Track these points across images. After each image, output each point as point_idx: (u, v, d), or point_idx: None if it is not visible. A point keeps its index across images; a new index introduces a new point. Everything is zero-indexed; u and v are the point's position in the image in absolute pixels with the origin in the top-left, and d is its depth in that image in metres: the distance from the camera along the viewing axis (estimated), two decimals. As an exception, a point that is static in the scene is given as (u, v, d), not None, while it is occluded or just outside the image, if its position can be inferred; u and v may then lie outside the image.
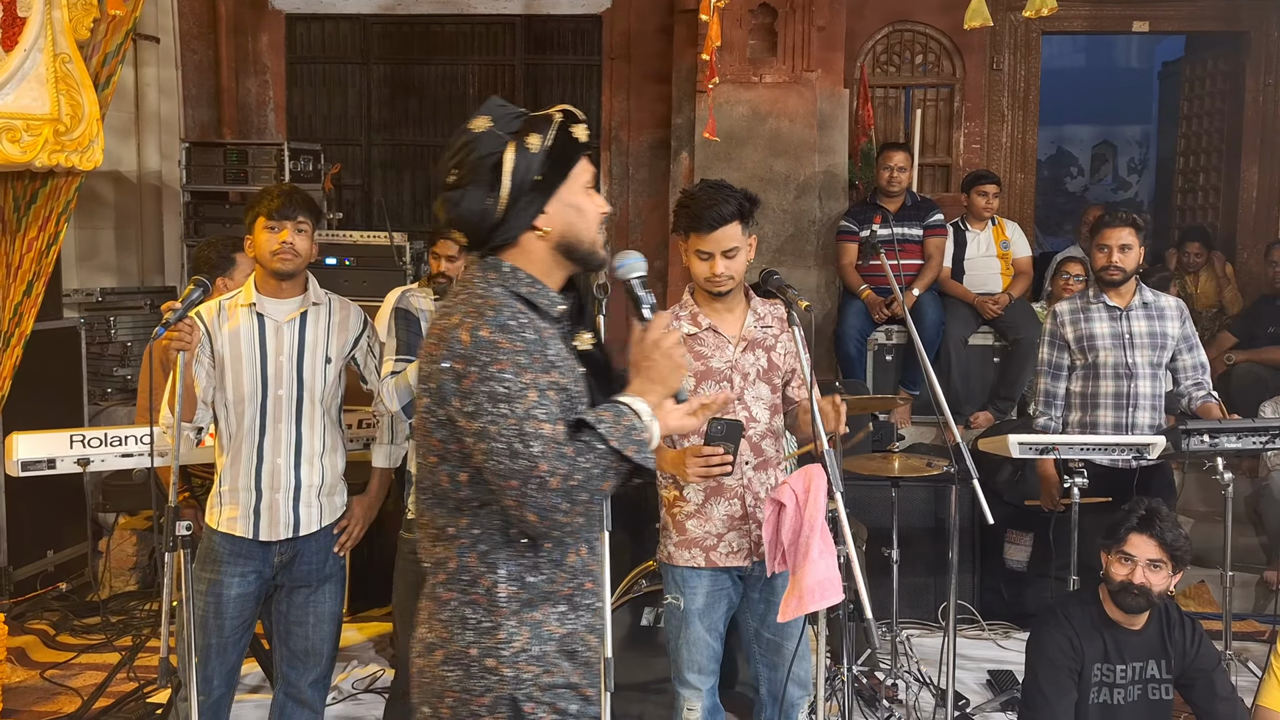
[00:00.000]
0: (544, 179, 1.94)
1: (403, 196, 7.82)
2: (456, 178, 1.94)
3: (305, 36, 7.75)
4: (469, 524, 1.92)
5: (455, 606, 1.94)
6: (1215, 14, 7.41)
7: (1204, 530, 5.72)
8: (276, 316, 3.19)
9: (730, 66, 6.62)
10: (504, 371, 1.82)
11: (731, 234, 2.98)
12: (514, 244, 1.96)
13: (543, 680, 1.93)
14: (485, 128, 1.94)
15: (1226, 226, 7.72)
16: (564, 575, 1.97)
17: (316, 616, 3.26)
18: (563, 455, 1.79)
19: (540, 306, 1.95)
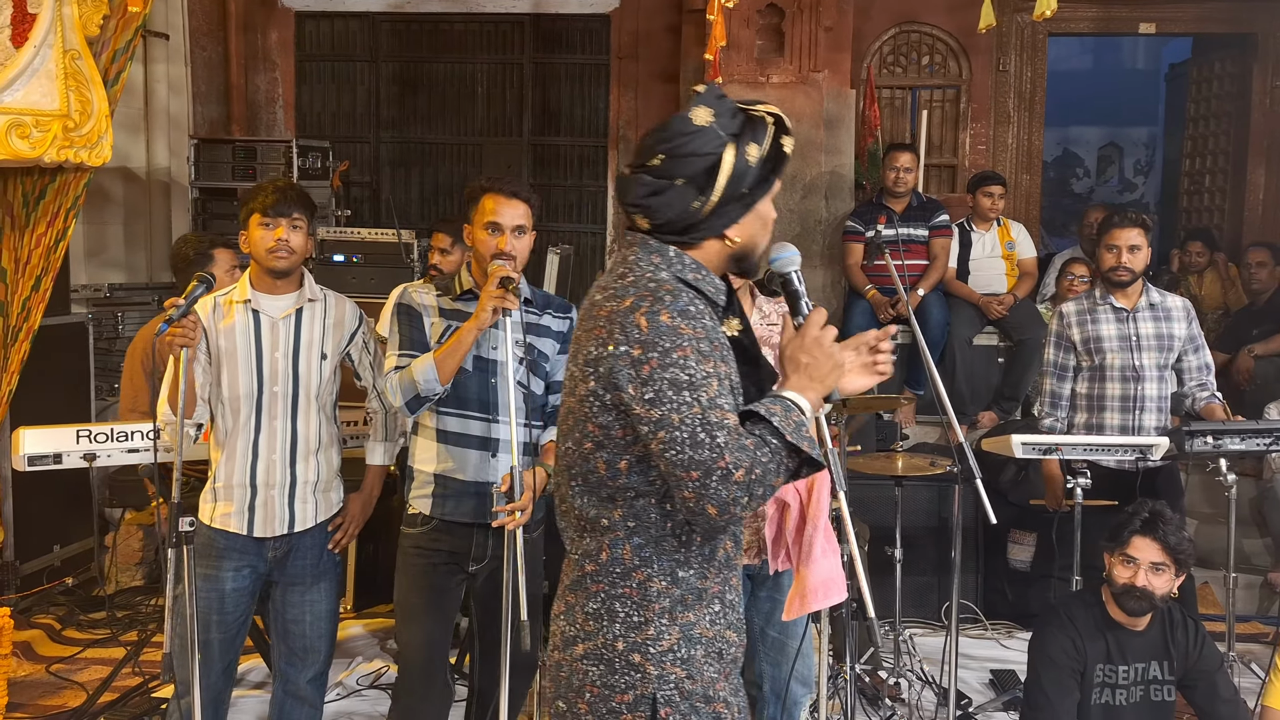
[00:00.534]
0: (750, 191, 1.89)
1: (411, 194, 7.84)
2: (663, 164, 1.87)
3: (315, 34, 7.77)
4: (623, 516, 1.88)
5: (605, 599, 1.89)
6: (1223, 16, 7.41)
7: (1208, 532, 5.73)
8: (272, 313, 3.18)
9: (737, 66, 6.63)
10: (687, 359, 1.77)
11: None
12: (695, 245, 1.92)
13: (685, 686, 1.88)
14: (707, 122, 1.87)
15: (1232, 229, 7.70)
16: (714, 571, 1.93)
17: (313, 614, 3.26)
18: (744, 447, 1.75)
19: (707, 294, 1.91)
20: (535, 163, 7.81)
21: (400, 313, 3.18)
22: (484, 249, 3.09)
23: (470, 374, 3.12)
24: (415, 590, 3.21)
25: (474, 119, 7.80)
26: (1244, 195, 7.61)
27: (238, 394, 3.14)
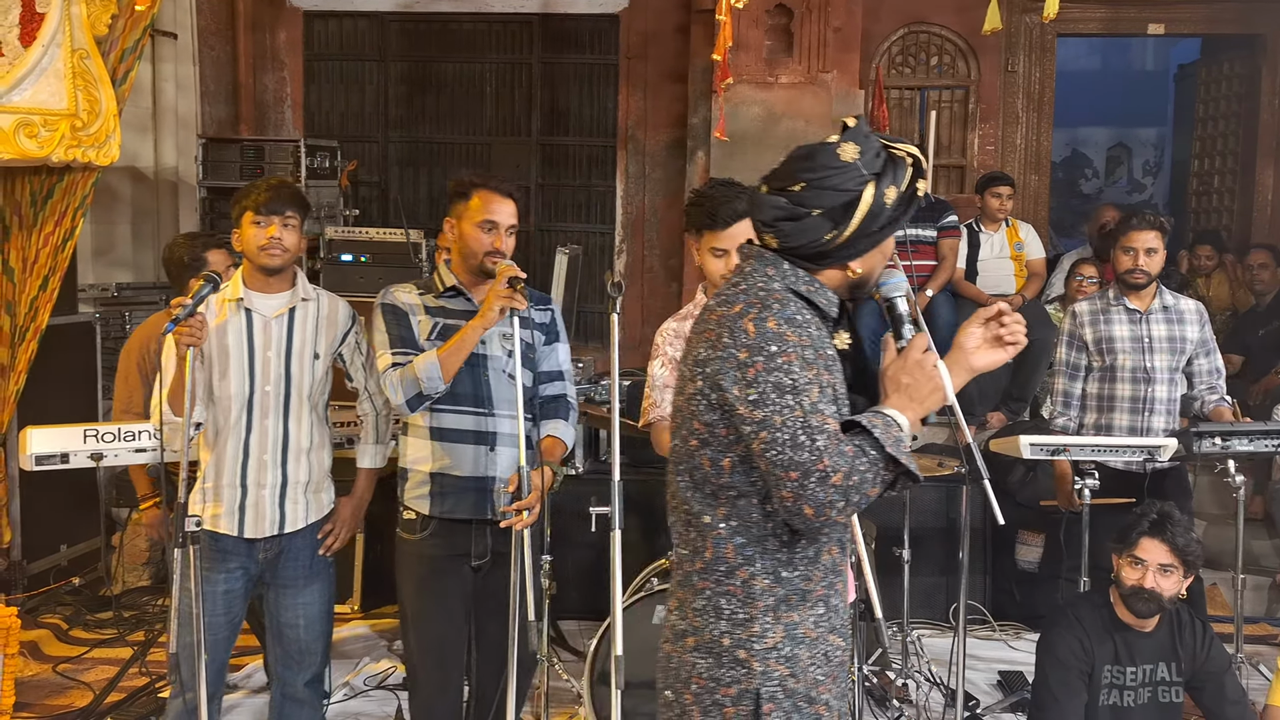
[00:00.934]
0: (881, 230, 1.95)
1: (419, 193, 7.84)
2: (803, 192, 1.93)
3: (323, 33, 7.78)
4: (726, 514, 1.95)
5: (710, 596, 1.96)
6: (1231, 17, 7.38)
7: (1216, 533, 5.70)
8: (265, 312, 3.16)
9: (746, 67, 6.62)
10: (791, 364, 1.84)
11: (745, 230, 2.98)
12: (816, 270, 1.98)
13: (788, 684, 1.93)
14: (853, 159, 1.92)
15: (1241, 229, 7.68)
16: (819, 574, 1.98)
17: (307, 618, 3.23)
18: (843, 453, 1.81)
19: (819, 306, 1.97)
20: (544, 162, 7.81)
21: (387, 312, 3.15)
22: (477, 246, 3.09)
23: (462, 369, 3.10)
24: (421, 595, 3.18)
25: (482, 119, 7.80)
26: (1253, 196, 7.59)
27: (229, 393, 3.11)
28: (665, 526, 3.18)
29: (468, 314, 3.12)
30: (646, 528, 4.77)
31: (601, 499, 2.87)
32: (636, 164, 7.65)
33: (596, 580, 4.70)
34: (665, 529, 3.20)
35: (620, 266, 7.70)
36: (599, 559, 4.71)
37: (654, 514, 4.46)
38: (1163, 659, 3.31)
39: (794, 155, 1.99)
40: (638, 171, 7.65)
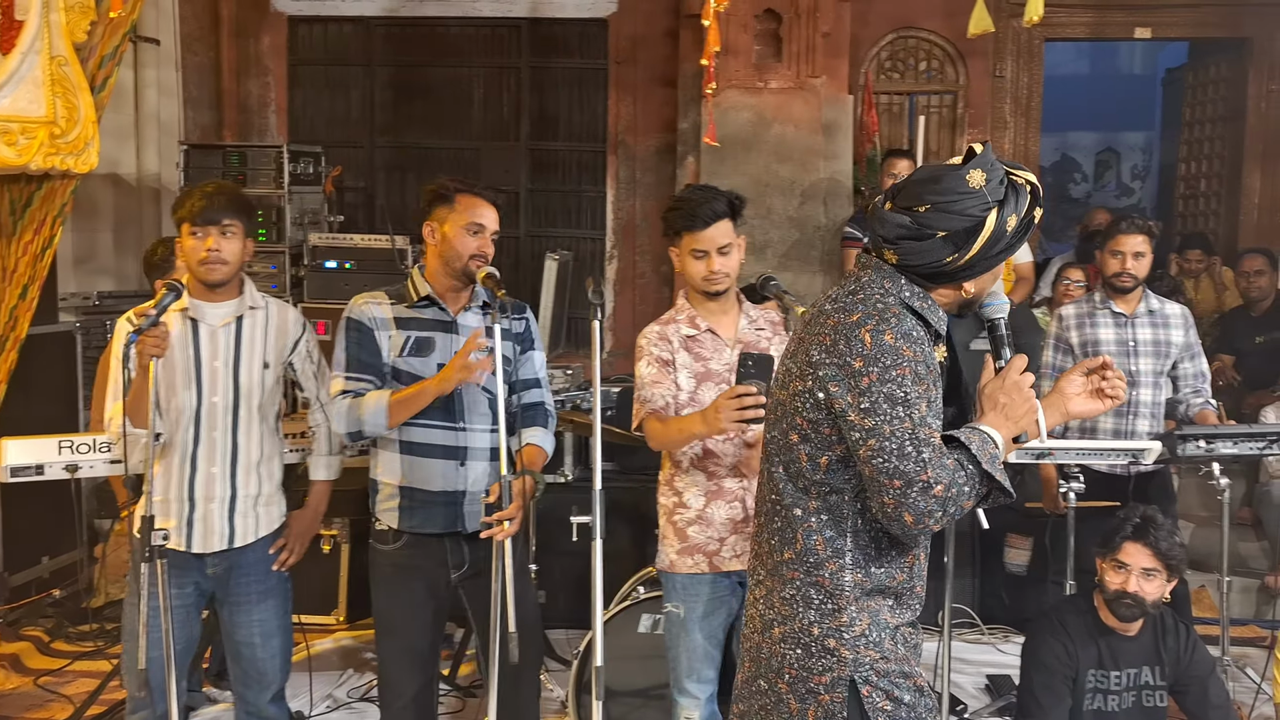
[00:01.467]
0: (999, 255, 2.02)
1: (406, 199, 7.79)
2: (928, 214, 1.98)
3: (308, 38, 7.74)
4: (817, 508, 2.03)
5: (800, 586, 2.04)
6: (1218, 20, 7.39)
7: (1204, 535, 5.70)
8: (211, 321, 3.08)
9: (735, 72, 6.61)
10: (904, 378, 1.91)
11: (725, 230, 2.99)
12: (932, 286, 2.05)
13: (880, 665, 2.02)
14: (979, 186, 1.97)
15: (1228, 233, 7.68)
16: (902, 575, 2.06)
17: (264, 634, 3.16)
18: (945, 466, 1.90)
19: (930, 323, 2.03)
20: (533, 168, 7.78)
21: (349, 329, 3.08)
22: (462, 249, 3.05)
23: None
24: (393, 604, 3.16)
25: (470, 124, 7.77)
26: (1239, 199, 7.59)
27: (176, 405, 3.03)
28: (654, 534, 3.19)
29: (441, 324, 3.10)
30: (636, 535, 4.74)
31: (586, 507, 2.84)
32: (627, 169, 7.63)
33: (584, 589, 4.66)
34: (654, 536, 3.20)
35: (611, 273, 7.68)
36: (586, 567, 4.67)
37: (644, 521, 4.43)
38: (1146, 663, 3.30)
39: (921, 177, 2.04)
40: (628, 176, 7.63)
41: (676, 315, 3.10)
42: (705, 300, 3.08)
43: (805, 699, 2.02)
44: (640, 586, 3.83)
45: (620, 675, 3.62)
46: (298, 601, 3.38)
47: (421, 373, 3.06)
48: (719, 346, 3.07)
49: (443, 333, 3.08)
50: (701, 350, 3.05)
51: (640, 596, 3.68)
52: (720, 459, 3.04)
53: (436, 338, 3.08)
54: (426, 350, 3.07)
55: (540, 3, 7.52)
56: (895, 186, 2.07)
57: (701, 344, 3.06)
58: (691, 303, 3.10)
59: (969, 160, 2.00)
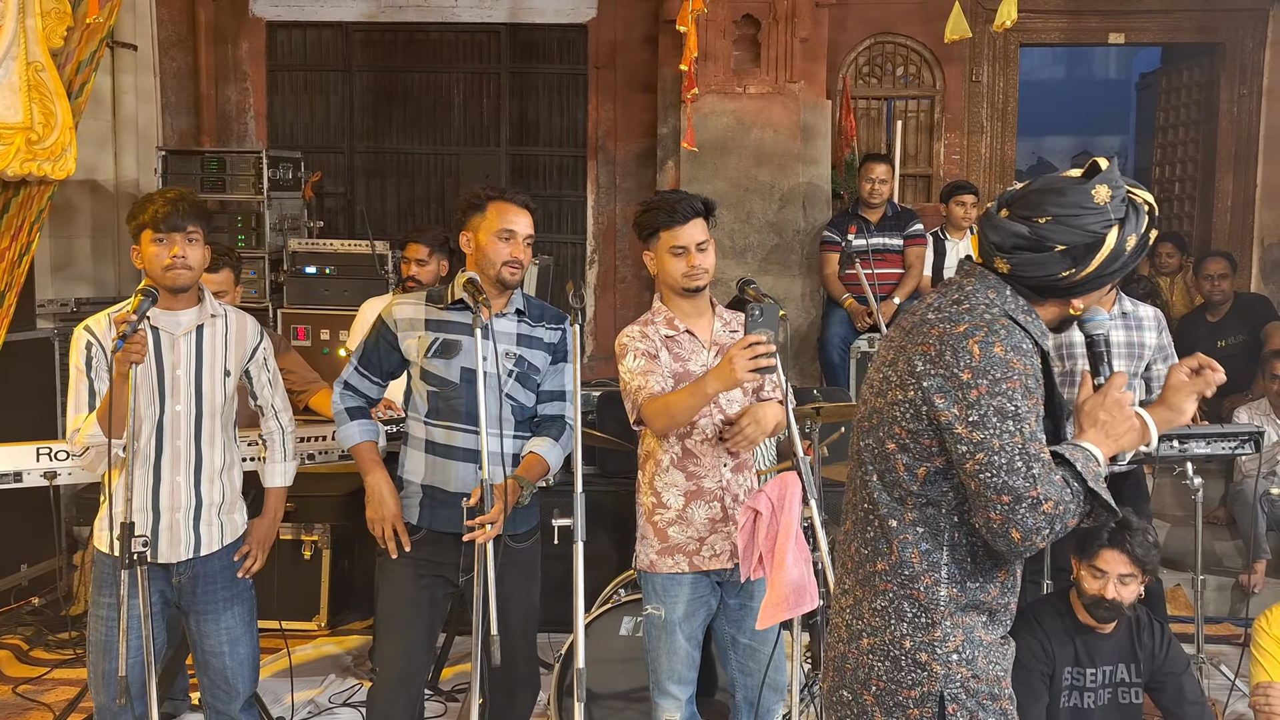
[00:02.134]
0: (1113, 274, 1.98)
1: (386, 205, 7.80)
2: (1049, 226, 1.94)
3: (286, 44, 7.73)
4: (914, 520, 1.99)
5: (893, 598, 2.00)
6: (1191, 26, 7.47)
7: (1179, 534, 5.75)
8: (172, 330, 3.06)
9: (714, 77, 6.64)
10: (1014, 391, 1.88)
11: (701, 227, 3.05)
12: (1040, 300, 2.00)
13: (970, 684, 1.99)
14: (1104, 202, 1.93)
15: (1201, 236, 7.76)
16: (995, 590, 2.03)
17: (231, 641, 3.16)
18: (1054, 482, 1.86)
19: (1034, 336, 1.98)
20: (513, 173, 7.78)
21: (376, 326, 3.20)
22: (495, 256, 3.08)
23: (459, 386, 3.09)
24: (398, 601, 3.17)
25: (450, 129, 7.77)
26: (1213, 202, 7.67)
27: (138, 414, 2.97)
28: (635, 536, 3.21)
29: (472, 329, 3.06)
30: (618, 538, 4.75)
31: (567, 510, 2.86)
32: (607, 174, 7.66)
33: (565, 592, 4.66)
34: (635, 539, 3.22)
35: (592, 277, 7.69)
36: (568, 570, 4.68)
37: (625, 524, 4.43)
38: (1122, 660, 3.33)
39: (1045, 187, 1.98)
40: (608, 181, 7.65)
41: (654, 317, 3.12)
42: (681, 302, 3.10)
43: (893, 712, 1.99)
44: (621, 589, 3.85)
45: (602, 678, 3.63)
46: (279, 608, 3.38)
47: (445, 374, 3.09)
48: (696, 348, 3.09)
49: (471, 336, 3.06)
50: (680, 351, 3.07)
51: (621, 599, 3.69)
52: (699, 459, 3.06)
53: (464, 341, 3.08)
54: (452, 352, 3.09)
55: (520, 8, 7.54)
56: (1011, 194, 2.02)
57: (680, 344, 3.08)
58: (668, 305, 3.13)
59: (1093, 175, 1.96)
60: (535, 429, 3.21)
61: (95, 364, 3.05)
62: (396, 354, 3.15)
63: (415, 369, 3.13)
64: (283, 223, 6.50)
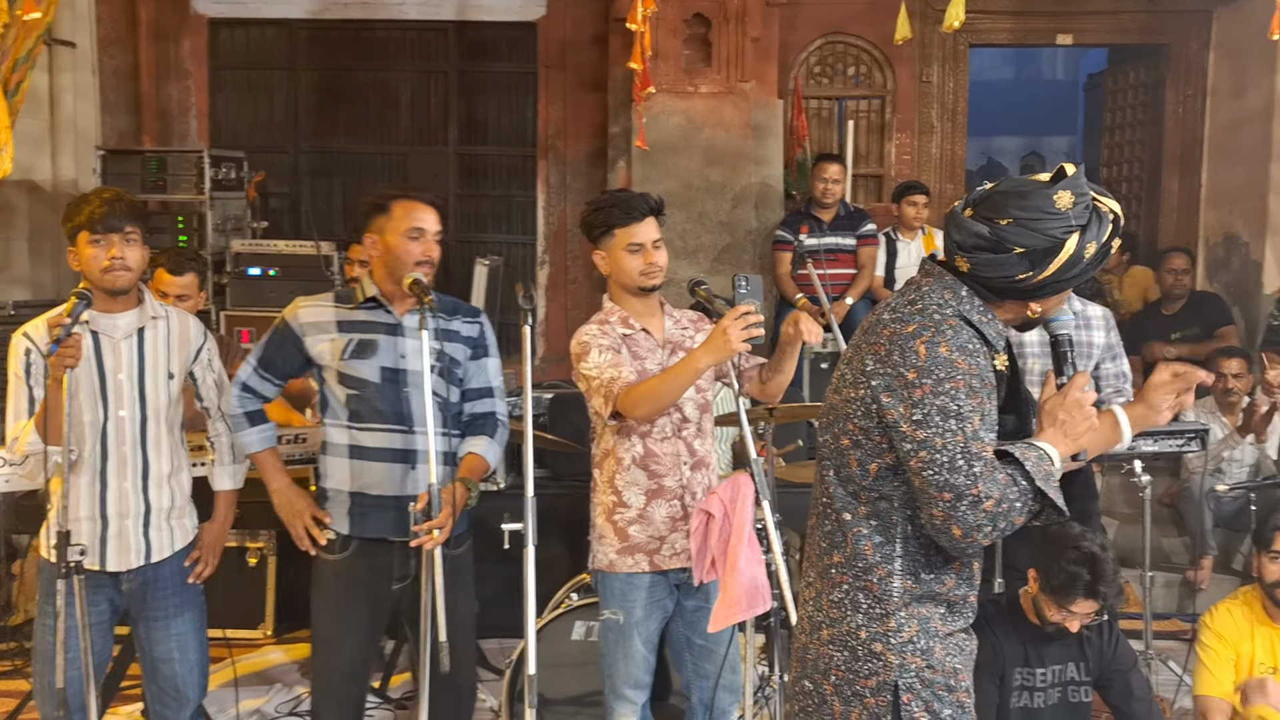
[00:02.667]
0: (1071, 279, 2.00)
1: (332, 205, 7.70)
2: (1009, 228, 1.95)
3: (229, 41, 7.61)
4: (867, 514, 2.04)
5: (848, 590, 2.05)
6: (1137, 27, 7.57)
7: (1127, 531, 5.82)
8: (112, 334, 3.00)
9: (665, 76, 6.62)
10: (958, 391, 1.91)
11: (655, 225, 3.04)
12: (998, 303, 2.03)
13: (925, 675, 2.02)
14: (1066, 208, 1.94)
15: (1148, 235, 7.87)
16: (951, 581, 2.06)
17: (182, 649, 3.10)
18: (997, 480, 1.89)
19: (988, 338, 2.01)
20: (462, 172, 7.72)
21: (277, 329, 3.11)
22: (406, 256, 3.01)
23: (380, 385, 3.03)
24: (335, 619, 3.11)
25: (398, 128, 7.69)
26: (1159, 202, 7.78)
27: (81, 421, 2.93)
28: (587, 541, 3.17)
29: (386, 327, 3.06)
30: (570, 541, 4.70)
31: (517, 515, 2.82)
32: (557, 173, 7.61)
33: (516, 597, 4.61)
34: (587, 544, 3.18)
35: (542, 278, 7.64)
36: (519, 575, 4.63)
37: (577, 527, 4.39)
38: (1071, 659, 3.35)
39: (1009, 190, 1.99)
40: (559, 181, 7.60)
41: (608, 317, 3.09)
42: (634, 301, 3.08)
43: (850, 701, 2.03)
44: (574, 593, 3.81)
45: (553, 683, 3.59)
46: (224, 616, 3.32)
47: (364, 375, 3.02)
48: (653, 346, 3.07)
49: (387, 335, 3.05)
50: (638, 349, 3.05)
51: (574, 604, 3.66)
52: (660, 458, 3.04)
53: (380, 340, 3.04)
54: (369, 352, 3.04)
55: (468, 6, 7.47)
56: (978, 194, 2.04)
57: (637, 343, 3.06)
58: (620, 304, 3.10)
59: (1058, 180, 1.97)
60: (465, 427, 3.16)
61: (34, 370, 2.97)
62: (300, 356, 3.08)
63: (331, 373, 3.05)
64: (226, 223, 6.39)
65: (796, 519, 4.84)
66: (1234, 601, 3.52)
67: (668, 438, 3.04)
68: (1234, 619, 3.46)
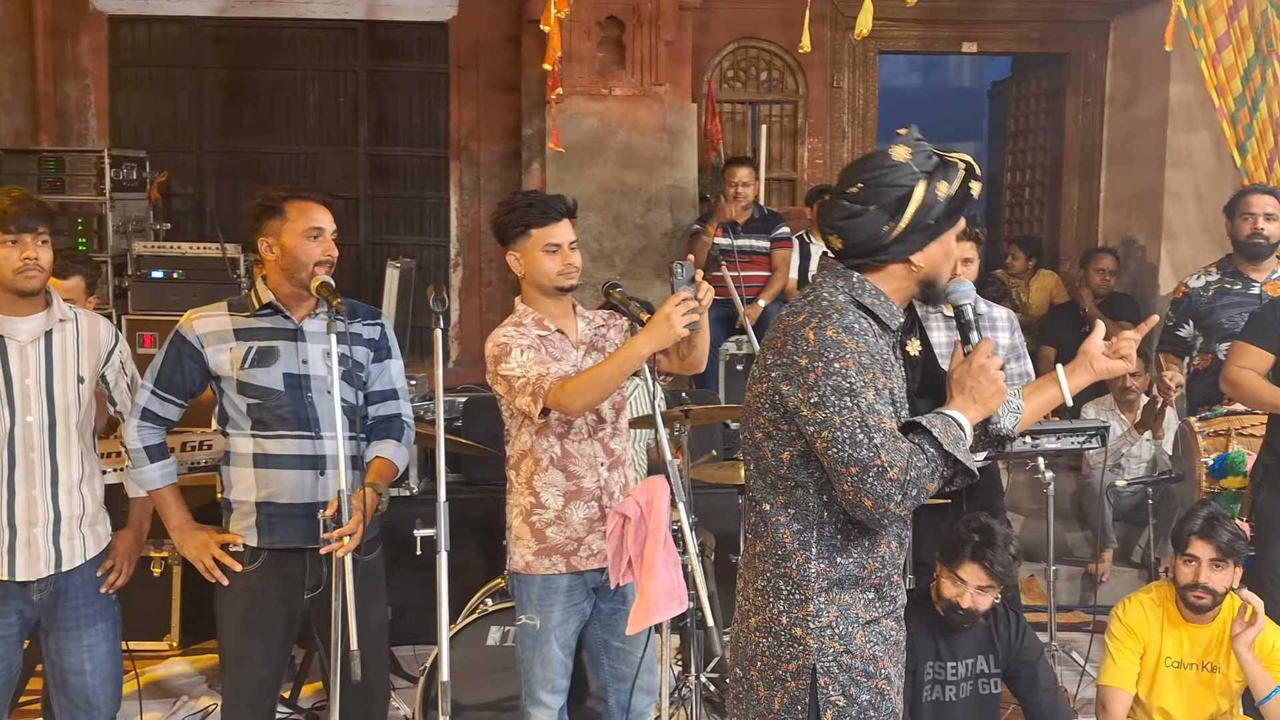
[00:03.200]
0: (936, 223, 2.08)
1: (238, 206, 7.49)
2: (861, 192, 2.07)
3: (130, 39, 7.41)
4: (784, 503, 2.10)
5: (770, 577, 2.12)
6: (1038, 36, 7.78)
7: (1032, 526, 5.97)
8: (19, 337, 2.92)
9: (580, 78, 6.61)
10: (848, 369, 1.98)
11: (570, 226, 3.03)
12: (882, 267, 2.10)
13: (843, 659, 2.08)
14: (904, 159, 2.06)
15: (1050, 238, 8.09)
16: (875, 564, 2.12)
17: (94, 660, 3.02)
18: (899, 449, 1.96)
19: (881, 318, 2.10)
20: (372, 173, 7.61)
21: (173, 344, 3.01)
22: (306, 257, 2.95)
23: (283, 393, 2.97)
24: (245, 632, 3.04)
25: (305, 128, 7.56)
26: (1060, 206, 8.00)
27: None
28: (503, 545, 3.15)
29: (286, 333, 3.00)
30: (485, 546, 4.66)
31: (430, 520, 2.78)
32: (470, 175, 7.55)
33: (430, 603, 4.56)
34: (503, 548, 3.15)
35: (456, 280, 7.57)
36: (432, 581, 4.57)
37: (491, 532, 4.36)
38: (981, 652, 3.42)
39: (852, 164, 2.17)
40: (472, 183, 7.54)
41: (522, 319, 3.06)
42: (548, 302, 3.06)
43: (773, 686, 2.09)
44: (488, 599, 3.78)
45: (468, 689, 3.56)
46: (127, 627, 3.22)
47: (266, 383, 2.97)
48: (567, 348, 3.06)
49: (287, 341, 3.00)
50: (554, 350, 3.03)
51: (488, 609, 3.63)
52: (578, 460, 3.03)
53: (280, 346, 2.99)
54: (270, 360, 2.98)
55: (377, 5, 7.38)
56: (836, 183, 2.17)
57: (553, 344, 3.04)
58: (534, 306, 3.08)
59: (896, 140, 2.10)
60: (370, 431, 3.12)
61: None
62: (202, 370, 3.00)
63: (230, 383, 2.99)
64: (127, 225, 6.22)
65: (712, 520, 4.88)
66: (1146, 596, 3.62)
67: (584, 439, 3.03)
68: (1145, 614, 3.56)
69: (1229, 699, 3.54)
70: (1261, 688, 3.39)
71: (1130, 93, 7.47)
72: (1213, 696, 3.53)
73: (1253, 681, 3.41)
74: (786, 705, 2.08)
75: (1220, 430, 4.31)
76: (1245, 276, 4.64)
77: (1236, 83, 6.01)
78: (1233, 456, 4.21)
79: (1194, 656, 3.53)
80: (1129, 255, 7.20)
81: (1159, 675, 3.55)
